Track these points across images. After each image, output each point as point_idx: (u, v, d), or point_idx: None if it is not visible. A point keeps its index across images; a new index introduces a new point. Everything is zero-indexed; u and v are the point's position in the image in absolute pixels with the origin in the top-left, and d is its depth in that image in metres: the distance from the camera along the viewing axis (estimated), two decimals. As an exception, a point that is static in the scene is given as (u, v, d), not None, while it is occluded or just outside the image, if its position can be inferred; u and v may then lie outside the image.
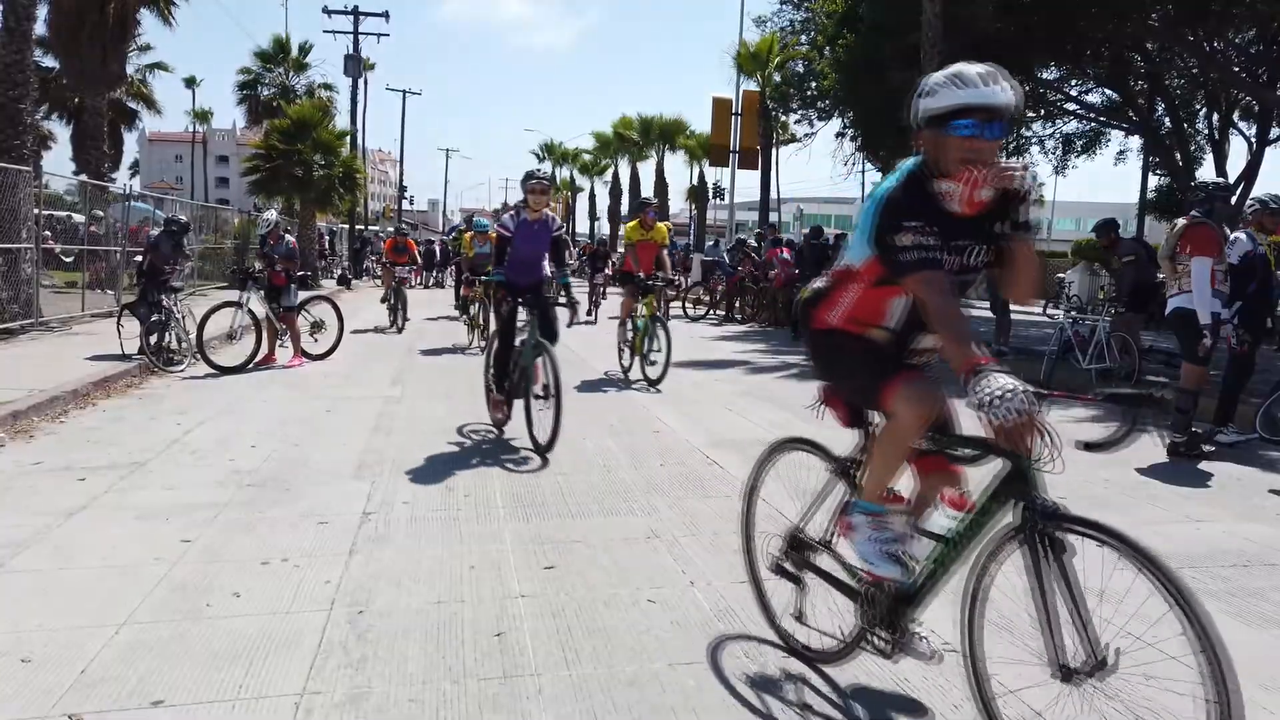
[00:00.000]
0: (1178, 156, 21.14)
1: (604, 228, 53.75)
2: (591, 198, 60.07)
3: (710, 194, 43.93)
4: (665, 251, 10.10)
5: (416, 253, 18.64)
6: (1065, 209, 58.24)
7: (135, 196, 18.19)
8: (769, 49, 29.08)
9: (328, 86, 31.29)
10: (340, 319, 10.70)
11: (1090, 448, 6.03)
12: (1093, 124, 24.56)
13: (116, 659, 2.97)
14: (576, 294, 7.35)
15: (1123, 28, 17.54)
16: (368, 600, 3.51)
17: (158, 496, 4.83)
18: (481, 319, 12.09)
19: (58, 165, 44.65)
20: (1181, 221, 6.68)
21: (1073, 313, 9.69)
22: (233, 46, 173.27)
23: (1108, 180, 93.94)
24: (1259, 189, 18.20)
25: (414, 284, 23.40)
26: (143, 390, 8.18)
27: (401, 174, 53.27)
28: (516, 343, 6.43)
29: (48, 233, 15.72)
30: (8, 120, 11.38)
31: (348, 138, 28.13)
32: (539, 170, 6.85)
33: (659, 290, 9.55)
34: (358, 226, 35.31)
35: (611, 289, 19.97)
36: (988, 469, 2.39)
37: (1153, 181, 26.30)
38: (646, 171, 50.17)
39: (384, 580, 3.72)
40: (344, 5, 31.95)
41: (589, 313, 16.42)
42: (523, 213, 6.54)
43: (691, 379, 9.59)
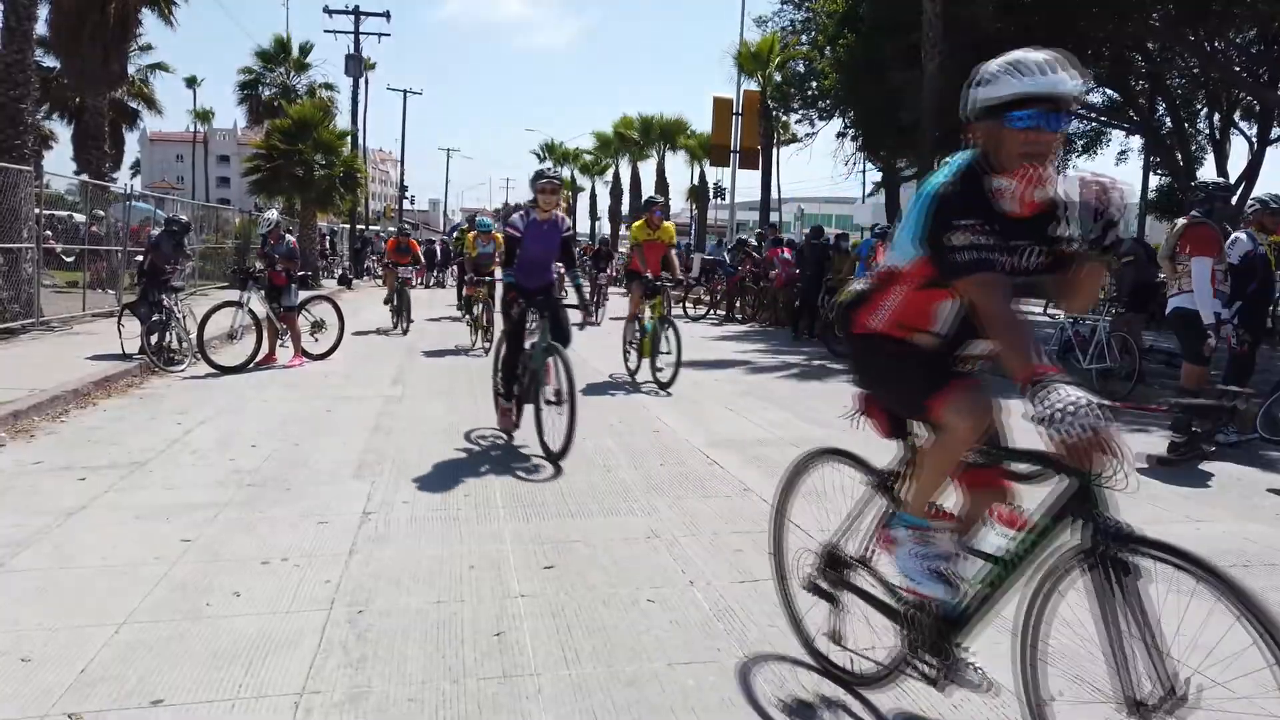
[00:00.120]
0: (1178, 156, 21.17)
1: (604, 227, 53.74)
2: (592, 198, 60.08)
3: (711, 194, 43.88)
4: (673, 251, 9.90)
5: (419, 253, 18.62)
6: (1065, 209, 58.08)
7: (136, 196, 18.23)
8: (770, 49, 29.07)
9: (329, 86, 31.31)
10: (341, 319, 10.69)
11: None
12: (1094, 124, 24.60)
13: (116, 658, 2.97)
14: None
15: (1123, 27, 17.57)
16: (367, 600, 3.51)
17: (158, 496, 4.83)
18: (485, 319, 11.94)
19: (59, 165, 44.83)
20: (1182, 221, 6.68)
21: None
22: (233, 46, 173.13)
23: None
24: (1260, 189, 18.25)
25: (416, 284, 23.38)
26: (143, 390, 8.18)
27: (402, 174, 53.47)
28: (526, 346, 6.27)
29: (49, 232, 15.74)
30: (9, 120, 11.39)
31: (349, 137, 28.18)
32: (550, 169, 6.67)
33: (666, 291, 9.35)
34: (358, 226, 35.36)
35: (613, 289, 20.00)
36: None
37: (1153, 181, 26.37)
38: (647, 171, 50.26)
39: (384, 580, 3.72)
40: (345, 5, 32.05)
41: (592, 314, 16.37)
42: (532, 213, 6.33)
43: (692, 379, 9.58)
